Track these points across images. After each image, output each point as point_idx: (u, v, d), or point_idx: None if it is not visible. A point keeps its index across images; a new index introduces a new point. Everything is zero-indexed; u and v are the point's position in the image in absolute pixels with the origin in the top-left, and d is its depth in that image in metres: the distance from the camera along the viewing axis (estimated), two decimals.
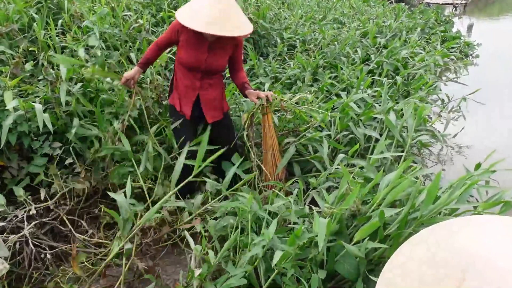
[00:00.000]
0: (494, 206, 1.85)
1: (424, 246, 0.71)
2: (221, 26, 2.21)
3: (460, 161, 3.70)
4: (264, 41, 5.38)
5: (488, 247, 0.66)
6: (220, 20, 2.22)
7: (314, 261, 1.77)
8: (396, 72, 4.80)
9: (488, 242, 0.68)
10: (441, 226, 0.73)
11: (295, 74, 4.32)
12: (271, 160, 2.63)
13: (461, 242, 0.69)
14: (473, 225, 0.72)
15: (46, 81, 2.95)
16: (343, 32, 6.15)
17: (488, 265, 0.63)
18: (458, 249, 0.68)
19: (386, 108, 3.13)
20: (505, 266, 0.62)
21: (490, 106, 4.67)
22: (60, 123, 2.76)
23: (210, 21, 2.19)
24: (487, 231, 0.70)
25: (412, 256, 0.70)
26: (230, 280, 1.72)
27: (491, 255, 0.65)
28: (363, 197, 2.01)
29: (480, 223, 0.73)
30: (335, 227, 1.81)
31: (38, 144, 2.69)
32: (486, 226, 0.71)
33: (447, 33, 7.76)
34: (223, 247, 1.95)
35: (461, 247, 0.68)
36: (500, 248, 0.66)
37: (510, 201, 1.87)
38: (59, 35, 3.88)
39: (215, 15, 2.21)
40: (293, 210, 1.96)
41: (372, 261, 1.83)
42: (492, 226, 0.71)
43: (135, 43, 3.97)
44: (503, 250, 0.65)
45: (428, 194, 1.64)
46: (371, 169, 2.28)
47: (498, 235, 0.69)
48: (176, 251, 2.50)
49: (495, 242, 0.68)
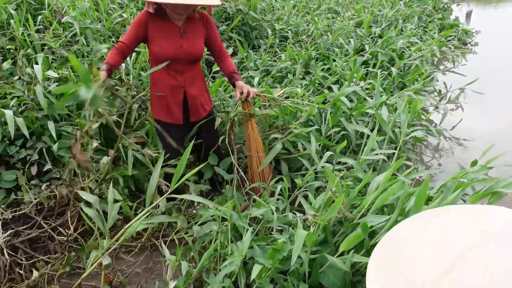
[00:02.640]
0: (483, 197, 1.72)
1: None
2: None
3: (458, 154, 3.57)
4: (255, 33, 5.22)
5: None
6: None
7: (296, 274, 1.65)
8: (391, 63, 4.64)
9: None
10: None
11: (286, 67, 4.18)
12: (257, 163, 2.51)
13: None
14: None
15: (22, 81, 2.83)
16: (337, 22, 5.98)
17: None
18: None
19: (379, 103, 2.99)
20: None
21: (489, 95, 4.52)
22: (37, 125, 2.63)
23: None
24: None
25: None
26: None
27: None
28: (351, 201, 1.89)
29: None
30: (320, 238, 1.68)
31: (14, 149, 2.57)
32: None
33: (445, 21, 7.57)
34: (203, 257, 1.83)
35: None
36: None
37: (499, 191, 1.73)
38: (41, 32, 3.74)
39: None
40: (275, 217, 1.83)
41: (359, 271, 1.71)
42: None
43: (119, 38, 3.82)
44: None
45: (417, 200, 1.51)
46: (361, 169, 2.16)
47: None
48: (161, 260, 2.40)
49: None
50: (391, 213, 1.72)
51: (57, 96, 2.70)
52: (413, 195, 1.70)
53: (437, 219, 0.83)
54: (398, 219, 1.62)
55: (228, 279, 1.72)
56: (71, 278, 2.25)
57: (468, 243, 0.70)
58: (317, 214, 1.79)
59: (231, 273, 1.73)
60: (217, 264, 1.92)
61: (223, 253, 1.86)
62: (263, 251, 1.73)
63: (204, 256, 1.80)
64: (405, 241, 0.81)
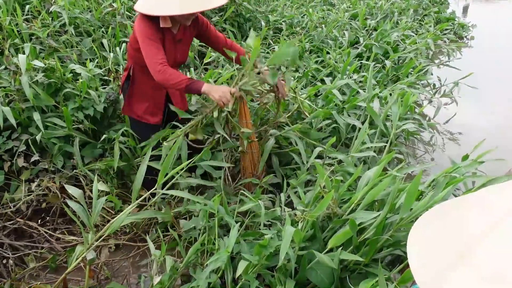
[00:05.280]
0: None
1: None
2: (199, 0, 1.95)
3: (451, 149, 3.55)
4: (249, 25, 5.15)
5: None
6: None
7: (284, 270, 1.62)
8: (386, 55, 4.60)
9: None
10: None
11: None
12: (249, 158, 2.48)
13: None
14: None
15: (9, 71, 2.77)
16: (332, 14, 5.92)
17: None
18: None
19: (371, 96, 2.95)
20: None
21: (483, 90, 4.50)
22: (24, 116, 2.58)
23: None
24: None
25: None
26: None
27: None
28: (341, 196, 1.86)
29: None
30: (308, 233, 1.65)
31: (1, 140, 2.52)
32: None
33: (441, 15, 7.52)
34: (189, 252, 1.79)
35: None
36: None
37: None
38: (29, 21, 3.66)
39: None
40: (263, 212, 1.80)
41: (347, 267, 1.68)
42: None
43: (109, 28, 3.75)
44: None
45: (407, 196, 1.48)
46: (351, 163, 2.12)
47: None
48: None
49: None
50: (382, 208, 1.69)
51: (44, 86, 2.64)
52: (404, 191, 1.68)
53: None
54: (388, 216, 1.59)
55: (214, 274, 1.69)
56: (57, 272, 2.22)
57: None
58: (306, 209, 1.75)
59: (218, 269, 1.70)
60: (204, 259, 1.89)
61: (210, 248, 1.83)
62: (251, 247, 1.70)
63: (190, 251, 1.77)
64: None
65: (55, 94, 2.69)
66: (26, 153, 2.52)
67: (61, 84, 2.70)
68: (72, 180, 2.56)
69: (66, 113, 2.42)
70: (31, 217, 2.43)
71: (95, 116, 2.66)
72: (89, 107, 2.60)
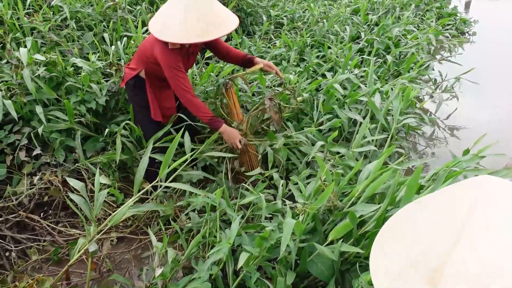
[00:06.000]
0: None
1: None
2: (217, 25, 2.11)
3: (452, 144, 3.55)
4: (251, 19, 5.14)
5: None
6: (212, 19, 2.10)
7: (284, 262, 1.63)
8: (387, 51, 4.59)
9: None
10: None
11: (280, 54, 4.12)
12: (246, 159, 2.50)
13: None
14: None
15: (10, 65, 2.77)
16: (334, 9, 5.91)
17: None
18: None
19: (372, 90, 2.95)
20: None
21: (485, 85, 4.49)
22: (25, 110, 2.58)
23: (206, 25, 2.07)
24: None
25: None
26: (193, 283, 1.59)
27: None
28: (341, 189, 1.86)
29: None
30: (309, 226, 1.66)
31: (3, 133, 2.53)
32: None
33: (443, 10, 7.49)
34: (190, 244, 1.81)
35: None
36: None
37: None
38: (30, 15, 3.66)
39: (207, 20, 2.09)
40: (264, 205, 1.81)
41: (347, 260, 1.69)
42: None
43: (110, 22, 3.74)
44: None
45: (408, 189, 1.49)
46: (352, 157, 2.13)
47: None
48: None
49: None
50: (382, 201, 1.70)
51: (45, 80, 2.65)
52: (404, 184, 1.68)
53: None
54: (388, 209, 1.60)
55: (216, 266, 1.70)
56: (59, 265, 2.23)
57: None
58: (306, 202, 1.76)
59: (219, 261, 1.71)
60: (205, 252, 1.90)
61: (211, 240, 1.84)
62: (252, 239, 1.71)
63: (191, 243, 1.78)
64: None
65: (57, 88, 2.69)
66: (28, 146, 2.53)
67: (62, 78, 2.71)
68: (74, 174, 2.57)
69: (68, 106, 2.43)
70: (33, 211, 2.44)
71: (97, 110, 2.67)
72: (91, 100, 2.61)
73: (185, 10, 2.08)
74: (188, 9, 2.07)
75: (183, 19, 2.07)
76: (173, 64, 2.20)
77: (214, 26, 2.10)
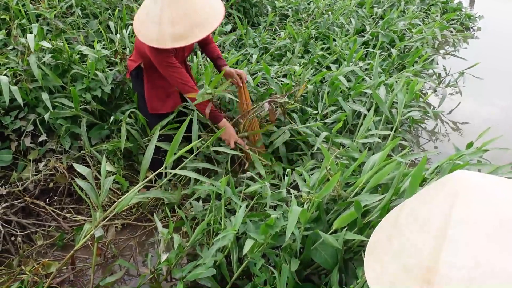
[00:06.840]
0: None
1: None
2: (205, 23, 1.99)
3: (455, 138, 3.56)
4: (255, 10, 5.13)
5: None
6: (197, 17, 1.98)
7: (288, 250, 1.66)
8: (392, 44, 4.58)
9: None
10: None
11: (285, 45, 4.12)
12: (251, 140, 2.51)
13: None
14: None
15: (16, 51, 2.78)
16: (339, 2, 5.88)
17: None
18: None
19: (377, 83, 2.96)
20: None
21: (489, 80, 4.49)
22: (31, 96, 2.59)
23: (197, 23, 1.98)
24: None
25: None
26: (198, 269, 1.61)
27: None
28: (346, 179, 1.88)
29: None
30: (313, 215, 1.68)
31: (9, 119, 2.54)
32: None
33: (448, 4, 7.45)
34: (195, 231, 1.83)
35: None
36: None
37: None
38: (35, 1, 3.65)
39: (186, 22, 1.96)
40: (269, 194, 1.83)
41: (351, 249, 1.71)
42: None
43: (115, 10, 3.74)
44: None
45: (412, 180, 1.50)
46: (356, 148, 2.14)
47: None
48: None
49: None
50: (386, 192, 1.72)
51: (51, 67, 2.66)
52: (408, 175, 1.70)
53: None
54: (392, 199, 1.62)
55: (220, 253, 1.72)
56: (64, 250, 2.26)
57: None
58: (311, 191, 1.78)
59: (224, 247, 1.73)
60: (210, 239, 1.92)
61: (216, 228, 1.86)
62: (256, 227, 1.73)
63: (197, 230, 1.80)
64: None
65: (62, 75, 2.70)
66: (33, 133, 2.54)
67: (68, 65, 2.71)
68: (79, 161, 2.58)
69: (74, 93, 2.44)
70: (39, 197, 2.46)
71: (103, 97, 2.68)
72: (97, 88, 2.62)
73: (161, 9, 1.93)
74: (165, 7, 1.93)
75: (158, 19, 1.94)
76: (163, 61, 2.14)
77: (196, 26, 1.97)
